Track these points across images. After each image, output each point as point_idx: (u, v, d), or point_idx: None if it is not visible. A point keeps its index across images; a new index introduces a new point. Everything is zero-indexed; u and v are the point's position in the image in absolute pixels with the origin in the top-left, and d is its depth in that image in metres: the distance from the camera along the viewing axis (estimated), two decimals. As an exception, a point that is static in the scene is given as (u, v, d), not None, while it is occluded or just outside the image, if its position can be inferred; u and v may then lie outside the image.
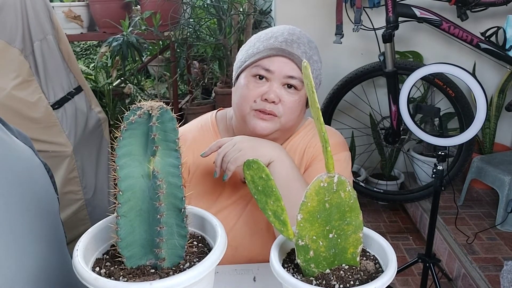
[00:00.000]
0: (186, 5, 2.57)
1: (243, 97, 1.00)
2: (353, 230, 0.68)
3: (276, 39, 0.99)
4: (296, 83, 0.98)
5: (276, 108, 0.98)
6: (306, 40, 1.02)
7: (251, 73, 0.99)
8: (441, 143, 1.65)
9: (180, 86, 3.28)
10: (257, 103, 0.98)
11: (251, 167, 0.66)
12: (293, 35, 1.00)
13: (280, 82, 0.98)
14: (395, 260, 0.67)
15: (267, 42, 1.00)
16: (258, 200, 0.68)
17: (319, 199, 0.65)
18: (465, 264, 1.95)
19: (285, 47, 0.98)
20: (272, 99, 0.96)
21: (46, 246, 0.77)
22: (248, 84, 0.99)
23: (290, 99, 0.99)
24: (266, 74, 0.98)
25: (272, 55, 0.97)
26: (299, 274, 0.69)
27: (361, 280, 0.67)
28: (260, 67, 0.98)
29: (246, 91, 0.99)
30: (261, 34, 1.04)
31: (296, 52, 0.98)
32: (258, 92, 0.98)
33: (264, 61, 0.98)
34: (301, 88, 0.99)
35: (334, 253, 0.69)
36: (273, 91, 0.97)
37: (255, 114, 0.99)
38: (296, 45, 0.99)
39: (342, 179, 0.65)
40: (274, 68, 0.97)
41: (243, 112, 1.00)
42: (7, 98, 1.74)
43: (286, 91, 0.99)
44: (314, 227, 0.66)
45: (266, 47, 0.99)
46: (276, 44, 0.98)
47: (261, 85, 0.98)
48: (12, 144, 0.75)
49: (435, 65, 1.70)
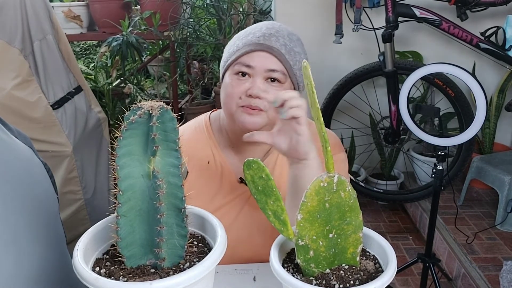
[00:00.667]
0: (185, 5, 2.57)
1: (229, 95, 1.00)
2: (353, 230, 0.68)
3: (254, 35, 1.00)
4: (278, 76, 0.98)
5: (261, 102, 0.98)
6: (285, 32, 1.02)
7: (233, 71, 1.00)
8: (440, 143, 1.65)
9: (180, 86, 3.28)
10: (242, 99, 0.98)
11: (251, 167, 0.66)
12: (271, 29, 1.00)
13: (263, 76, 0.98)
14: (395, 260, 0.67)
15: (246, 39, 1.00)
16: (258, 200, 0.68)
17: (319, 199, 0.65)
18: (464, 264, 1.95)
19: (263, 41, 0.98)
20: (256, 94, 0.96)
21: (46, 246, 0.77)
22: (231, 82, 1.00)
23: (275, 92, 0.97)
24: (248, 70, 0.98)
25: (250, 50, 0.98)
26: (299, 274, 0.69)
27: (361, 280, 0.67)
28: (241, 64, 0.98)
29: (231, 89, 1.00)
30: (241, 32, 1.04)
31: (275, 45, 0.98)
32: (242, 88, 0.98)
33: (244, 57, 0.98)
34: (284, 81, 0.99)
35: (334, 253, 0.69)
36: (256, 86, 0.97)
37: (242, 110, 0.99)
38: (275, 38, 0.99)
39: (342, 179, 0.65)
40: (255, 63, 0.97)
41: (231, 110, 1.01)
42: (7, 98, 1.74)
43: (270, 85, 0.99)
44: (314, 227, 0.66)
45: (245, 44, 0.99)
46: (254, 39, 0.99)
47: (244, 81, 0.99)
48: (12, 144, 0.75)
49: (435, 65, 1.70)
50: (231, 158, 1.11)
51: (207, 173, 1.10)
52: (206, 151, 1.11)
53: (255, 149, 1.10)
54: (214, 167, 1.10)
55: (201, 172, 1.09)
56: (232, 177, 1.09)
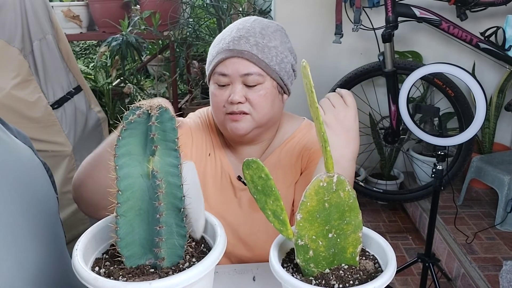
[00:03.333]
0: (185, 4, 2.57)
1: (215, 105, 1.02)
2: (352, 230, 0.68)
3: (224, 41, 0.99)
4: (255, 78, 0.97)
5: (244, 106, 0.98)
6: (257, 29, 0.99)
7: (214, 80, 1.01)
8: (440, 142, 1.65)
9: (179, 86, 3.28)
10: (226, 107, 0.99)
11: (251, 167, 0.66)
12: (240, 31, 0.99)
13: (240, 81, 0.98)
14: (395, 260, 0.67)
15: (218, 46, 1.00)
16: (257, 199, 0.68)
17: (318, 198, 0.65)
18: (464, 264, 1.95)
19: (232, 46, 0.97)
20: (236, 100, 0.97)
21: (46, 245, 0.77)
22: (214, 92, 1.01)
23: (255, 95, 0.98)
24: (224, 79, 0.98)
25: (223, 59, 0.97)
26: (298, 274, 0.69)
27: (360, 280, 0.67)
28: (217, 73, 0.99)
29: (215, 98, 1.01)
30: (216, 38, 1.04)
31: (244, 48, 0.96)
32: (224, 97, 0.99)
33: (219, 67, 0.98)
34: (263, 80, 0.98)
35: (334, 252, 0.69)
36: (235, 93, 0.97)
37: (229, 117, 1.00)
38: (244, 40, 0.97)
39: (341, 178, 0.65)
40: (228, 71, 0.97)
41: (219, 118, 1.02)
42: (7, 98, 1.74)
43: (249, 88, 0.98)
44: (314, 226, 0.66)
45: (218, 52, 0.99)
46: (224, 46, 0.98)
47: (224, 90, 0.99)
48: (12, 144, 0.75)
49: (435, 65, 1.70)
50: (229, 156, 1.11)
51: (208, 165, 1.10)
52: (208, 144, 1.11)
53: (250, 149, 1.10)
54: (214, 161, 1.10)
55: (201, 161, 1.09)
56: (231, 173, 1.09)
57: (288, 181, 1.08)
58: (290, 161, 1.08)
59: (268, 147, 1.10)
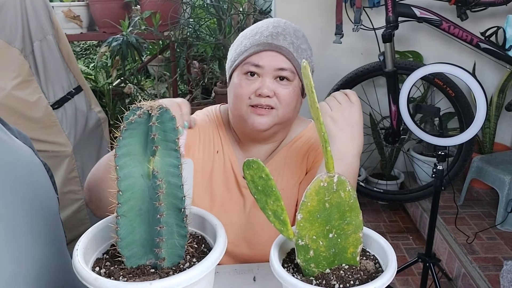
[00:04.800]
0: (186, 5, 2.57)
1: (238, 96, 1.00)
2: (353, 230, 0.68)
3: (261, 34, 1.00)
4: (287, 74, 0.98)
5: (272, 101, 0.98)
6: (292, 30, 1.02)
7: (242, 71, 1.00)
8: (441, 143, 1.65)
9: (180, 86, 3.28)
10: (252, 99, 0.98)
11: (251, 167, 0.65)
12: (277, 28, 1.01)
13: (272, 75, 0.98)
14: (395, 260, 0.67)
15: (253, 38, 1.00)
16: (258, 199, 0.67)
17: (319, 198, 0.65)
18: (465, 263, 1.95)
19: (271, 41, 0.98)
20: (266, 93, 0.97)
21: (46, 246, 0.77)
22: (240, 83, 0.99)
23: (285, 91, 0.98)
24: (257, 70, 0.98)
25: (259, 50, 0.98)
26: (299, 274, 0.69)
27: (361, 280, 0.67)
28: (249, 64, 0.98)
29: (240, 89, 0.99)
30: (247, 31, 1.04)
31: (283, 44, 0.98)
32: (252, 88, 0.98)
33: (252, 57, 0.98)
34: (293, 78, 0.99)
35: (334, 252, 0.69)
36: (266, 85, 0.97)
37: (252, 110, 0.99)
38: (282, 37, 0.99)
39: (342, 178, 0.65)
40: (264, 63, 0.97)
41: (240, 110, 1.00)
42: (7, 98, 1.74)
43: (279, 83, 0.99)
44: (314, 226, 0.66)
45: (253, 44, 0.99)
46: (262, 39, 0.99)
47: (253, 81, 0.99)
48: (12, 144, 0.75)
49: (435, 65, 1.70)
50: (237, 153, 1.11)
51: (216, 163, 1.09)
52: (216, 141, 1.11)
53: (260, 148, 1.10)
54: (223, 159, 1.10)
55: (208, 159, 1.09)
56: (238, 172, 1.09)
57: (293, 180, 1.08)
58: (296, 160, 1.08)
59: (278, 147, 1.11)
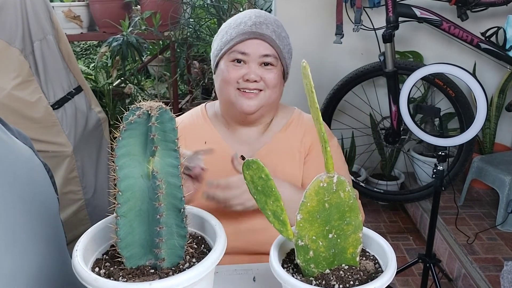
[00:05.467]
0: (186, 5, 2.57)
1: (226, 81, 1.08)
2: (352, 230, 0.68)
3: (245, 24, 1.07)
4: (271, 60, 1.07)
5: (259, 84, 1.07)
6: (272, 19, 1.11)
7: (229, 58, 1.08)
8: (441, 143, 1.65)
9: (180, 86, 3.28)
10: (239, 83, 1.07)
11: (251, 167, 0.66)
12: (259, 17, 1.09)
13: (257, 62, 1.07)
14: (395, 260, 0.67)
15: (238, 28, 1.08)
16: (257, 200, 0.67)
17: (318, 199, 0.65)
18: (465, 264, 1.95)
19: (255, 29, 1.06)
20: (253, 78, 1.06)
21: (46, 246, 0.77)
22: (228, 69, 1.08)
23: (270, 75, 1.08)
24: (243, 57, 1.07)
25: (245, 39, 1.06)
26: (298, 274, 0.69)
27: (360, 280, 0.67)
28: (236, 51, 1.06)
29: (228, 74, 1.07)
30: (231, 21, 1.12)
31: (266, 32, 1.07)
32: (239, 74, 1.07)
33: (239, 45, 1.06)
34: (276, 64, 1.08)
35: (334, 253, 0.69)
36: (252, 71, 1.06)
37: (240, 94, 1.07)
38: (265, 26, 1.07)
39: (341, 179, 0.65)
40: (249, 50, 1.06)
41: (229, 94, 1.09)
42: (7, 98, 1.74)
43: (264, 68, 1.08)
44: (314, 227, 0.66)
45: (238, 33, 1.07)
46: (246, 28, 1.07)
47: (240, 67, 1.07)
48: (12, 145, 0.75)
49: (435, 65, 1.69)
50: (227, 137, 1.17)
51: None
52: (202, 133, 1.18)
53: (250, 131, 1.17)
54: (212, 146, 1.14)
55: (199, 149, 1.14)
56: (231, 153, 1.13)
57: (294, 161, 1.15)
58: (293, 144, 1.16)
59: (266, 131, 1.18)
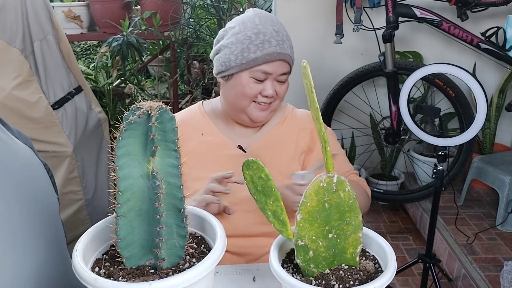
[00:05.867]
0: (186, 5, 2.57)
1: (244, 95, 1.11)
2: (352, 230, 0.68)
3: (270, 44, 1.07)
4: (287, 76, 1.14)
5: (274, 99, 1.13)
6: (286, 31, 1.13)
7: (250, 74, 1.10)
8: (441, 143, 1.65)
9: (180, 86, 3.28)
10: (257, 97, 1.12)
11: (251, 167, 0.66)
12: (278, 33, 1.09)
13: (275, 79, 1.11)
14: (395, 260, 0.67)
15: (263, 46, 1.07)
16: (257, 200, 0.68)
17: (318, 199, 0.65)
18: (465, 264, 1.95)
19: (280, 50, 1.08)
20: (272, 95, 1.11)
21: (46, 246, 0.77)
22: (249, 84, 1.10)
23: (283, 88, 1.14)
24: (265, 77, 1.10)
25: (271, 60, 1.08)
26: (298, 274, 0.69)
27: (360, 280, 0.67)
28: (260, 71, 1.09)
29: (248, 90, 1.11)
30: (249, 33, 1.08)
31: (287, 52, 1.10)
32: (258, 90, 1.11)
33: (263, 66, 1.08)
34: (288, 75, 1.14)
35: (334, 253, 0.69)
36: (271, 88, 1.11)
37: (256, 106, 1.13)
38: (287, 44, 1.10)
39: (341, 179, 0.65)
40: (271, 70, 1.09)
41: (243, 106, 1.13)
42: (7, 98, 1.74)
43: (279, 83, 1.13)
44: (314, 227, 0.66)
45: (263, 53, 1.07)
46: (271, 49, 1.08)
47: (259, 84, 1.11)
48: (12, 145, 0.75)
49: (435, 65, 1.70)
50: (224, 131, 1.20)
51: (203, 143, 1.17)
52: (200, 126, 1.20)
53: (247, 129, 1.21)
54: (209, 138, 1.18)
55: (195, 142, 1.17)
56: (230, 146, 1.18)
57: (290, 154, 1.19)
58: (291, 137, 1.20)
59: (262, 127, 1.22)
